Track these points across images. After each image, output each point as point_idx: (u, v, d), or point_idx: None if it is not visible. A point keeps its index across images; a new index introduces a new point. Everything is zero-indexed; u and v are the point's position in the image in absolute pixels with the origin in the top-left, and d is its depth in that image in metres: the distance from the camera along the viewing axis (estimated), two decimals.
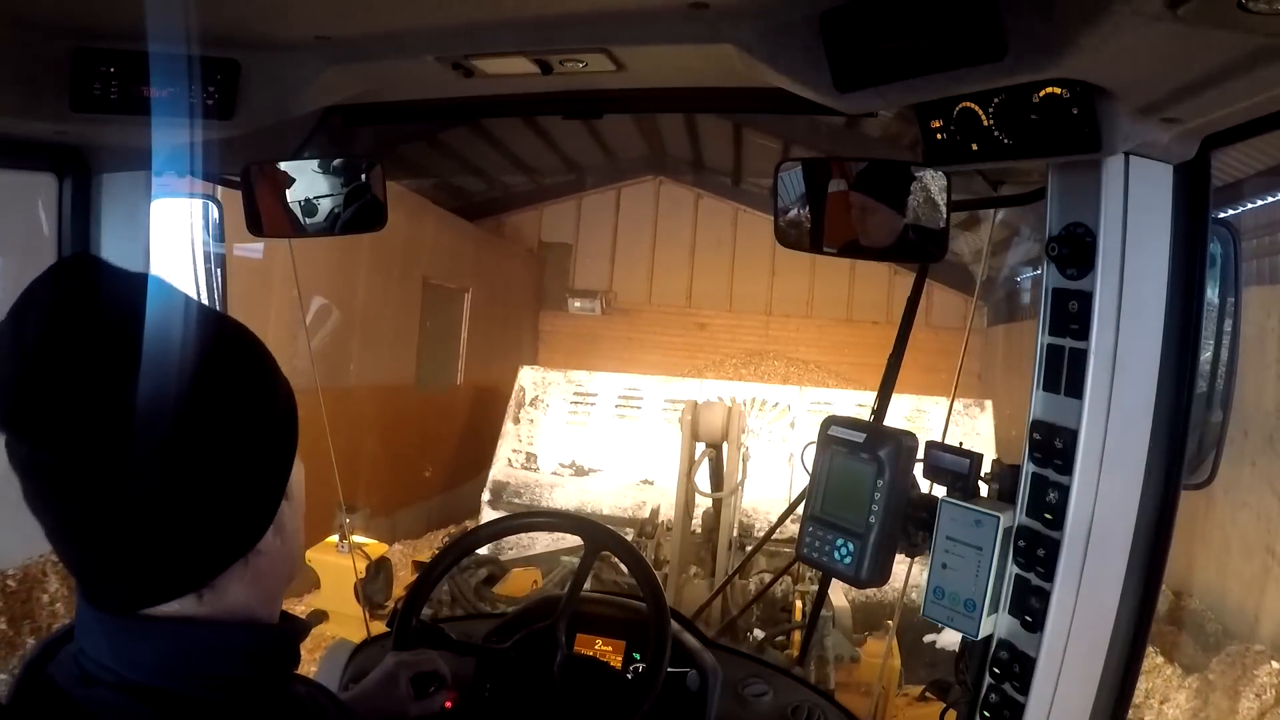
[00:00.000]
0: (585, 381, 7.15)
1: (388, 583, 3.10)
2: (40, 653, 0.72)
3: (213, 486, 0.68)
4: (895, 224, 1.20)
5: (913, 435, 1.15)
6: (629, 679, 1.51)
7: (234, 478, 0.70)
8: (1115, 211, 0.96)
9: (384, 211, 1.53)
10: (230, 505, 0.70)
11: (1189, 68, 0.81)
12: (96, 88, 1.27)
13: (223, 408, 0.69)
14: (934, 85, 0.95)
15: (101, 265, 0.67)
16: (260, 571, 0.74)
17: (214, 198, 1.71)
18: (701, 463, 4.27)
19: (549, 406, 6.96)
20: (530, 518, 1.76)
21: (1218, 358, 1.10)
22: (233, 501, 0.70)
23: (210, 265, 1.73)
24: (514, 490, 6.54)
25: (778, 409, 7.09)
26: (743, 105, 1.44)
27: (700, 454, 4.32)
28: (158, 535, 0.67)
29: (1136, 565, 1.05)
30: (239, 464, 0.70)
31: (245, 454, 0.71)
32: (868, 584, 1.14)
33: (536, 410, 6.97)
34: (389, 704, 1.26)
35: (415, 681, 1.29)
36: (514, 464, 6.69)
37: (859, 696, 2.80)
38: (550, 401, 6.99)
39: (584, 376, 7.21)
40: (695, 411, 4.38)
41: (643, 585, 1.49)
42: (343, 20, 1.20)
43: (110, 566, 0.68)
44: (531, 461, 6.71)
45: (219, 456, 0.68)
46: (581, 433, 6.83)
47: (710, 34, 1.11)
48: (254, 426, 0.71)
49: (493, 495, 6.49)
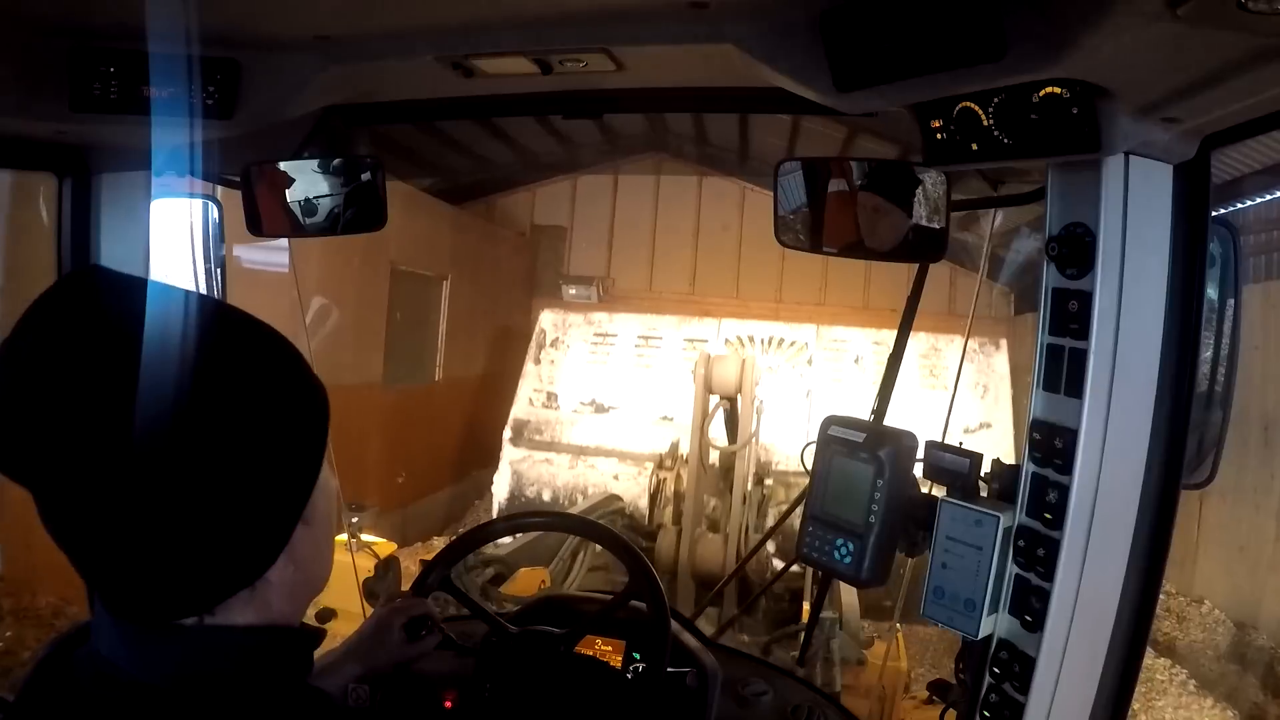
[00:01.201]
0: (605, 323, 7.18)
1: (395, 582, 3.10)
2: (53, 650, 0.72)
3: (215, 512, 0.64)
4: (895, 224, 1.20)
5: (912, 435, 1.15)
6: (629, 679, 1.51)
7: (240, 504, 0.65)
8: (1115, 211, 0.96)
9: (384, 211, 1.53)
10: (234, 534, 0.66)
11: (1189, 68, 0.81)
12: (96, 87, 1.27)
13: (233, 430, 0.64)
14: (934, 85, 0.95)
15: (108, 277, 0.65)
16: (267, 599, 0.70)
17: (214, 198, 1.71)
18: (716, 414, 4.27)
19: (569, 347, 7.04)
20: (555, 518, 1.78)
21: (1217, 357, 1.10)
22: (237, 530, 0.66)
23: (210, 265, 1.73)
24: (535, 428, 6.62)
25: (795, 347, 7.20)
26: (743, 105, 1.44)
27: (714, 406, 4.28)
28: (154, 560, 0.64)
29: (1136, 565, 1.05)
30: (246, 490, 0.65)
31: (255, 479, 0.66)
32: (867, 584, 1.15)
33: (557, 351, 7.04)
34: (384, 651, 1.30)
35: (408, 628, 1.33)
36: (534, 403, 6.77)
37: (866, 699, 2.80)
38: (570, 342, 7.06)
39: (603, 317, 7.28)
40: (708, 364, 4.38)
41: (643, 585, 1.49)
42: (342, 20, 1.20)
43: (117, 581, 0.66)
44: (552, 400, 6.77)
45: (225, 481, 0.64)
46: (601, 371, 6.92)
47: (710, 34, 1.11)
48: (266, 450, 0.67)
49: (514, 433, 6.59)
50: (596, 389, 6.78)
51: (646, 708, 1.43)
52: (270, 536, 0.69)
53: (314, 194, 1.51)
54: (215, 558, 0.66)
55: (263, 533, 0.68)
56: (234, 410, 0.65)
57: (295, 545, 0.70)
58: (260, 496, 0.67)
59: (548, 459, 6.47)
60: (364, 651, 1.29)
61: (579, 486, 6.29)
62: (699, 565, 4.37)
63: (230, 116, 1.30)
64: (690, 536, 4.25)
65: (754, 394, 4.33)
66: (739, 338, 6.80)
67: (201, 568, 0.66)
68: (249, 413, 0.65)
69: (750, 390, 4.29)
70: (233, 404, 0.65)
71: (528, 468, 6.46)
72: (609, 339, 7.10)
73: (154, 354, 0.61)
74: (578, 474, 6.33)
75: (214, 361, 0.65)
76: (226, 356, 0.66)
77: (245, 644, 0.69)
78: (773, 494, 5.22)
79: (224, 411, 0.64)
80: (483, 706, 1.40)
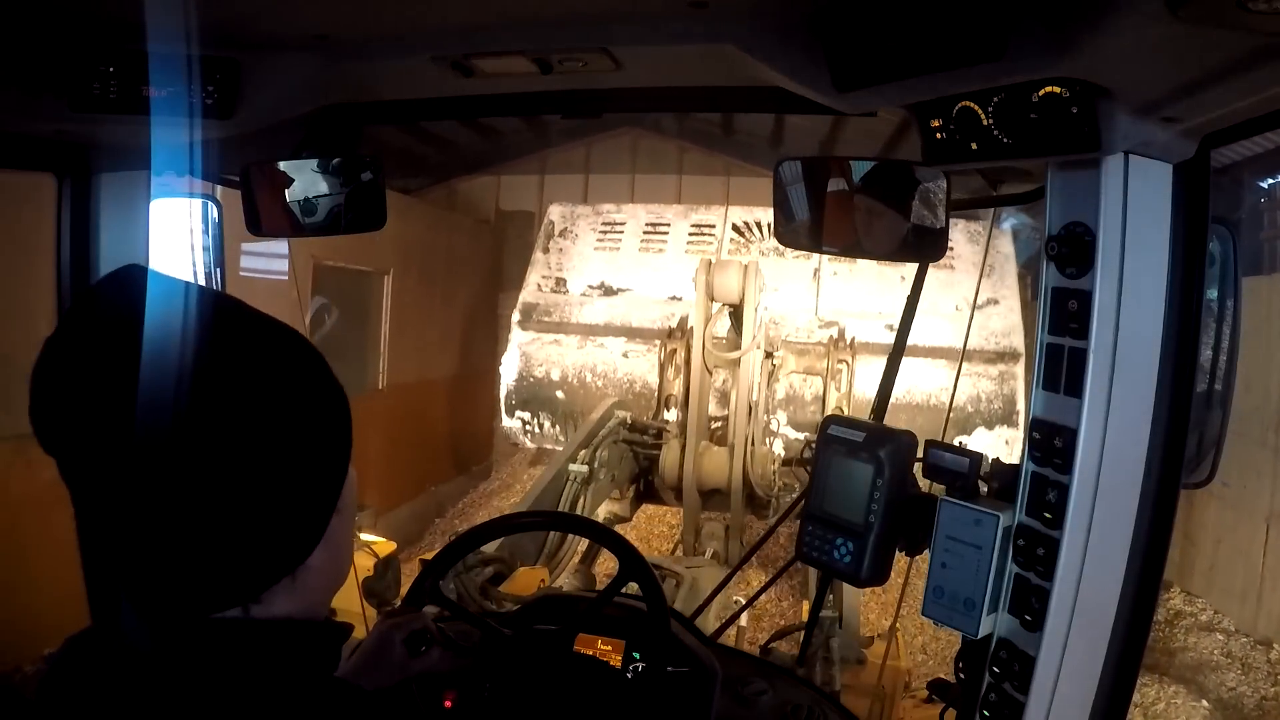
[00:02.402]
0: (612, 213, 7.19)
1: (395, 581, 3.10)
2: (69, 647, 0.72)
3: (262, 503, 0.67)
4: (895, 224, 1.20)
5: (912, 434, 1.15)
6: (629, 679, 1.51)
7: (285, 494, 0.69)
8: (1115, 210, 0.96)
9: (384, 211, 1.53)
10: (280, 523, 0.69)
11: (1189, 67, 0.81)
12: (96, 87, 1.27)
13: (275, 425, 0.67)
14: (933, 85, 0.95)
15: (155, 276, 0.67)
16: (307, 585, 0.73)
17: (213, 197, 1.71)
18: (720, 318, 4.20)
19: (578, 236, 7.03)
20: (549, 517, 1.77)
21: (1217, 357, 1.10)
22: (282, 519, 0.69)
23: (210, 265, 1.73)
24: (543, 310, 6.57)
25: None
26: (742, 105, 1.44)
27: (717, 311, 4.26)
28: (203, 553, 0.66)
29: (1136, 565, 1.05)
30: (290, 481, 0.69)
31: (297, 471, 0.69)
32: (867, 583, 1.15)
33: (565, 240, 7.02)
34: (388, 668, 1.30)
35: (408, 642, 1.32)
36: (543, 289, 6.74)
37: (865, 699, 2.80)
38: (579, 232, 7.06)
39: (610, 208, 7.24)
40: (709, 271, 4.34)
41: (643, 585, 1.49)
42: (343, 20, 1.20)
43: (163, 576, 0.67)
44: (560, 285, 6.76)
45: (270, 474, 0.67)
46: (610, 257, 6.87)
47: (710, 34, 1.11)
48: (306, 444, 0.70)
49: (522, 316, 6.52)
50: (606, 273, 6.74)
51: (646, 707, 1.43)
52: (312, 522, 0.72)
53: (313, 193, 1.51)
54: (263, 545, 0.69)
55: (306, 519, 0.71)
56: (278, 403, 0.68)
57: (331, 531, 0.74)
58: (303, 484, 0.70)
59: (556, 340, 6.39)
60: (369, 669, 1.28)
61: (588, 365, 6.21)
62: (703, 479, 4.36)
63: (230, 116, 1.30)
64: (694, 449, 4.21)
65: (758, 300, 4.26)
66: (745, 223, 6.76)
67: (250, 555, 0.68)
68: (292, 406, 0.69)
69: (754, 296, 4.21)
70: (277, 398, 0.68)
71: (536, 349, 6.39)
72: (617, 227, 7.08)
73: (203, 353, 0.64)
74: (586, 354, 6.28)
75: (257, 359, 0.68)
76: (267, 354, 0.70)
77: (283, 637, 0.71)
78: (784, 362, 5.27)
79: (269, 405, 0.67)
80: (482, 706, 1.40)
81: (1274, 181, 6.30)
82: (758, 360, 4.52)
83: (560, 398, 6.19)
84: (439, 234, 9.13)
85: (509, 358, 6.44)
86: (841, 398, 5.27)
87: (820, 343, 5.45)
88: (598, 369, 6.19)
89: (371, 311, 8.00)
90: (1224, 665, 5.46)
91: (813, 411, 5.37)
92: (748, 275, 4.27)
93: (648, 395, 5.61)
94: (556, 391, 6.19)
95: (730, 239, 6.54)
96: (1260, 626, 5.64)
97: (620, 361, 6.14)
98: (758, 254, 6.28)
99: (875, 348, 5.44)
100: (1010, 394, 5.48)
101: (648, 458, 4.66)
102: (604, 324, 6.32)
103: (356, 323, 7.79)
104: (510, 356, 6.44)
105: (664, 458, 4.50)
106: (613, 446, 4.46)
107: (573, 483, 3.96)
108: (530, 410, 6.25)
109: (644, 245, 6.86)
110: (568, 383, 6.25)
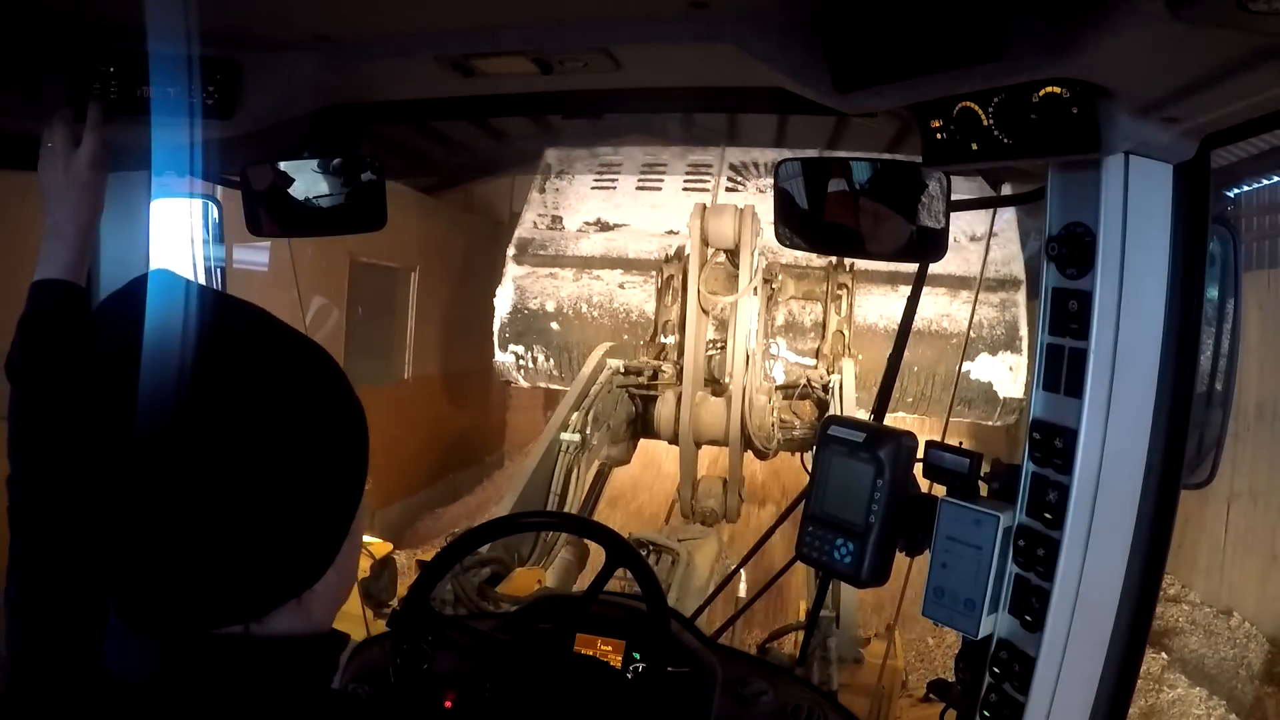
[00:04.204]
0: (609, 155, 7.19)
1: (392, 581, 3.09)
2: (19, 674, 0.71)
3: (279, 525, 0.66)
4: (895, 224, 1.20)
5: (912, 435, 1.15)
6: (629, 679, 1.51)
7: (302, 518, 0.67)
8: (1115, 211, 0.96)
9: (384, 211, 1.53)
10: (294, 547, 0.67)
11: (1189, 67, 0.81)
12: (96, 87, 1.27)
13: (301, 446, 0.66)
14: (933, 85, 0.95)
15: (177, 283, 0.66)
16: (311, 606, 0.71)
17: (214, 198, 1.71)
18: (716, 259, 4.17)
19: (574, 177, 7.01)
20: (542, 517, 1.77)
21: (1217, 357, 1.10)
22: (297, 543, 0.67)
23: (210, 265, 1.73)
24: (539, 244, 6.54)
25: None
26: (742, 105, 1.44)
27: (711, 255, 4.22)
28: (215, 570, 0.64)
29: (1136, 565, 1.05)
30: (308, 506, 0.67)
31: (316, 496, 0.68)
32: (867, 583, 1.15)
33: (562, 181, 7.00)
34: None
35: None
36: (539, 226, 6.72)
37: (863, 698, 2.80)
38: (575, 173, 7.06)
39: (608, 151, 7.21)
40: (704, 216, 4.24)
41: (643, 585, 1.49)
42: (343, 20, 1.20)
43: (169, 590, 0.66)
44: (557, 223, 6.73)
45: (290, 495, 0.66)
46: (607, 195, 6.86)
47: (710, 34, 1.11)
48: (328, 469, 0.68)
49: (518, 250, 6.49)
50: (602, 210, 6.73)
51: (646, 708, 1.43)
52: (326, 547, 0.70)
53: (314, 194, 1.51)
54: (275, 567, 0.67)
55: (320, 543, 0.69)
56: (298, 424, 0.66)
57: (341, 556, 0.72)
58: (321, 509, 0.68)
59: (552, 273, 6.34)
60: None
61: (583, 297, 6.18)
62: (700, 431, 4.23)
63: (230, 116, 1.30)
64: (690, 402, 4.14)
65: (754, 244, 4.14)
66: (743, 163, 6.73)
67: (261, 576, 0.66)
68: (311, 427, 0.67)
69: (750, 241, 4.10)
70: (296, 418, 0.66)
71: (531, 282, 6.32)
72: (614, 168, 7.07)
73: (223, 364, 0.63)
74: (582, 285, 6.22)
75: (278, 376, 0.67)
76: (289, 371, 0.68)
77: (283, 654, 0.69)
78: (783, 287, 5.26)
79: (288, 426, 0.66)
80: (482, 706, 1.40)
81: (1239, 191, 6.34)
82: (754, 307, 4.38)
83: (555, 329, 6.17)
84: (458, 234, 9.47)
85: (503, 291, 6.34)
86: (842, 321, 5.25)
87: (820, 267, 5.42)
88: (594, 300, 6.16)
89: (398, 306, 8.25)
90: (1188, 630, 5.91)
91: (812, 338, 5.40)
92: (743, 220, 4.15)
93: (644, 324, 5.60)
94: (551, 323, 6.16)
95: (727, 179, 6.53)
96: (1223, 597, 6.08)
97: (617, 292, 6.12)
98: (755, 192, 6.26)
99: (875, 275, 5.46)
100: (1012, 320, 5.57)
101: (644, 399, 4.56)
102: (600, 256, 6.29)
103: (388, 318, 8.08)
104: (504, 290, 6.35)
105: (659, 410, 4.35)
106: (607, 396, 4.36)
107: (565, 453, 3.83)
108: (525, 344, 6.22)
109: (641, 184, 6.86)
110: (563, 314, 6.20)
